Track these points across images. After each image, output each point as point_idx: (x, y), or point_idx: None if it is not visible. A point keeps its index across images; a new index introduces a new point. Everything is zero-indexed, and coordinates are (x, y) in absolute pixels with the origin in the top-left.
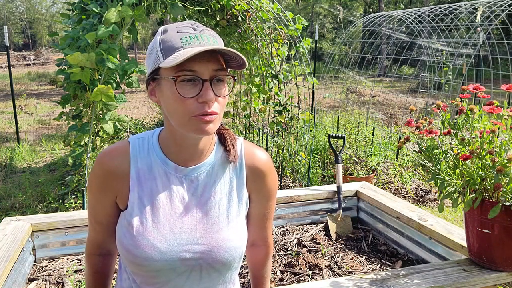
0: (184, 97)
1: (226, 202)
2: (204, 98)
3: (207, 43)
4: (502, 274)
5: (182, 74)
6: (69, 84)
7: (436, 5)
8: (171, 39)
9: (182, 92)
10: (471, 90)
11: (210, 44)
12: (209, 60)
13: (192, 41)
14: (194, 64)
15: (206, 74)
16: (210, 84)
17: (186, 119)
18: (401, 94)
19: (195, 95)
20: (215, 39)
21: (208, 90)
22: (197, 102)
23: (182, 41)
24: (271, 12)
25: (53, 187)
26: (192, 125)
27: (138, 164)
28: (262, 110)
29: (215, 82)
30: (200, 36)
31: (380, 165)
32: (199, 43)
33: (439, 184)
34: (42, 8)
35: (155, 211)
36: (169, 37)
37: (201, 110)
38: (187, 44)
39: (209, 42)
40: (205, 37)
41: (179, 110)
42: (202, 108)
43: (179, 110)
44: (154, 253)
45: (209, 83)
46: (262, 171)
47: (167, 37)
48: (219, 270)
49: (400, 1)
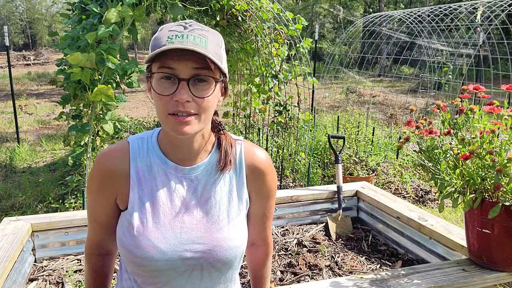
0: (160, 94)
1: (226, 201)
2: (176, 97)
3: (191, 43)
4: (502, 274)
5: (159, 71)
6: (69, 84)
7: (436, 5)
8: (160, 36)
9: (159, 89)
10: (471, 90)
11: (194, 43)
12: (189, 59)
13: (176, 40)
14: (173, 62)
15: (185, 73)
16: (187, 83)
17: (164, 117)
18: (401, 94)
19: (170, 93)
20: (204, 39)
21: (181, 90)
22: (172, 100)
23: (167, 39)
24: (271, 12)
25: (53, 187)
26: (169, 124)
27: (137, 164)
28: (262, 110)
29: (196, 82)
30: (186, 35)
31: (380, 165)
32: (181, 42)
33: (439, 184)
34: (42, 8)
35: (155, 211)
36: (160, 34)
37: (174, 108)
38: (170, 42)
39: (194, 42)
40: (191, 36)
41: (158, 107)
42: (176, 107)
43: (158, 107)
44: (155, 253)
45: (185, 83)
46: (262, 171)
47: (158, 35)
48: (220, 269)
49: (400, 1)
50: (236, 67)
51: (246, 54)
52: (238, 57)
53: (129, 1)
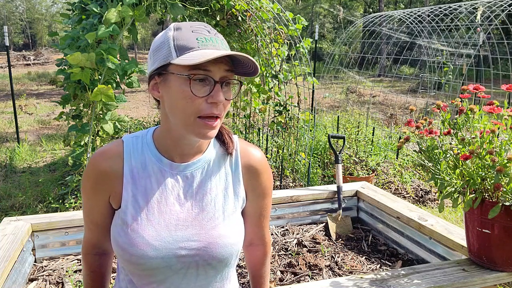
0: (195, 95)
1: (222, 198)
2: (214, 98)
3: (222, 47)
4: (502, 274)
5: (197, 73)
6: (69, 84)
7: (436, 5)
8: (186, 37)
9: (195, 91)
10: (471, 90)
11: (224, 48)
12: (221, 62)
13: (208, 43)
14: (208, 65)
15: (217, 76)
16: (220, 86)
17: (192, 119)
18: (401, 94)
19: (205, 94)
20: (225, 43)
21: (219, 92)
22: (205, 102)
23: (198, 42)
24: (271, 12)
25: (53, 187)
26: (196, 126)
27: (132, 162)
28: (262, 110)
29: (224, 85)
30: (215, 39)
31: (380, 165)
32: (214, 46)
33: (439, 184)
34: (42, 8)
35: (149, 209)
36: (184, 35)
37: (209, 111)
38: (203, 46)
39: (223, 46)
40: (219, 40)
41: (186, 109)
42: (210, 109)
43: (187, 108)
44: (149, 250)
45: (219, 85)
46: (257, 169)
47: (182, 35)
48: (215, 267)
49: (400, 1)
50: None
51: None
52: None
53: (129, 1)
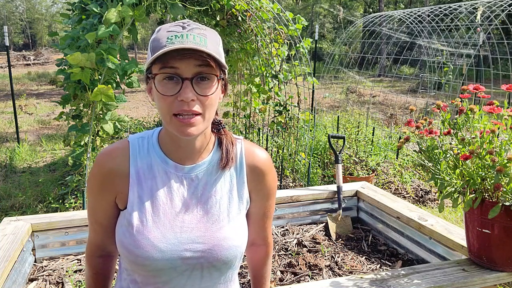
0: (164, 95)
1: (226, 200)
2: (181, 96)
3: (192, 42)
4: (502, 274)
5: (162, 72)
6: (69, 84)
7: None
8: (160, 38)
9: (163, 90)
10: (471, 90)
11: (195, 43)
12: (191, 57)
13: (176, 40)
14: (175, 62)
15: (187, 72)
16: (191, 82)
17: (168, 118)
18: (401, 94)
19: (174, 93)
20: (204, 38)
21: (186, 89)
22: (177, 100)
23: (167, 40)
24: (271, 12)
25: (53, 187)
26: (174, 125)
27: (138, 163)
28: (262, 110)
29: (198, 80)
30: (186, 35)
31: (380, 165)
32: (181, 42)
33: (439, 184)
34: (42, 8)
35: (155, 210)
36: (159, 36)
37: (180, 108)
38: (170, 43)
39: (194, 41)
40: (191, 36)
41: (162, 109)
42: (181, 107)
43: (162, 108)
44: (155, 252)
45: (189, 82)
46: (262, 170)
47: (157, 36)
48: (220, 269)
49: (400, 1)
50: (236, 67)
51: (246, 54)
52: (238, 57)
53: (129, 1)
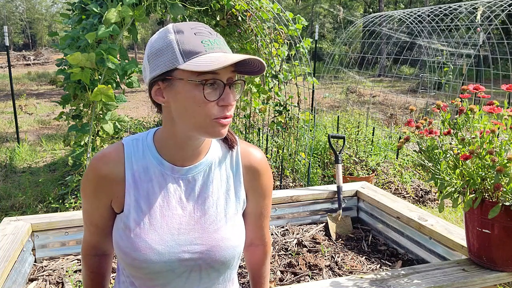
0: (208, 100)
1: (223, 201)
2: (225, 101)
3: (226, 49)
4: (502, 274)
5: (207, 78)
6: (69, 84)
7: (436, 5)
8: (191, 41)
9: (207, 95)
10: (471, 90)
11: (226, 48)
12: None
13: (214, 46)
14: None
15: (225, 78)
16: (229, 87)
17: (207, 122)
18: (401, 94)
19: (216, 98)
20: (224, 43)
21: (229, 94)
22: (217, 105)
23: (204, 45)
24: (271, 12)
25: (53, 187)
26: (211, 127)
27: (133, 166)
28: (262, 110)
29: (231, 86)
30: (219, 41)
31: (380, 165)
32: (221, 49)
33: (439, 184)
34: (42, 8)
35: (152, 213)
36: (188, 39)
37: (222, 113)
38: (210, 49)
39: (226, 47)
40: (221, 42)
41: (200, 113)
42: (222, 112)
43: (200, 113)
44: (153, 254)
45: (228, 87)
46: (258, 170)
47: (186, 39)
48: (218, 269)
49: (400, 1)
50: None
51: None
52: None
53: (129, 1)
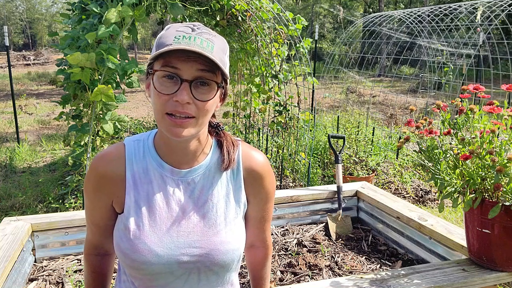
0: (160, 92)
1: (223, 204)
2: (177, 97)
3: (198, 45)
4: (502, 274)
5: (163, 70)
6: (69, 84)
7: (436, 5)
8: (167, 35)
9: (160, 88)
10: (471, 90)
11: (201, 47)
12: (195, 61)
13: (183, 40)
14: (177, 62)
15: (188, 75)
16: (189, 85)
17: (160, 116)
18: (401, 94)
19: (171, 92)
20: (211, 43)
21: (183, 91)
22: (172, 100)
23: (174, 39)
24: (271, 12)
25: (53, 187)
26: (165, 123)
27: (133, 167)
28: (262, 110)
29: (198, 84)
30: (194, 38)
31: (380, 165)
32: (188, 43)
33: (439, 184)
34: (42, 8)
35: (151, 215)
36: (167, 33)
37: (173, 108)
38: (177, 42)
39: (201, 45)
40: (198, 39)
41: (156, 106)
42: (175, 107)
43: (156, 105)
44: (152, 256)
45: (187, 84)
46: (260, 174)
47: (165, 34)
48: (217, 272)
49: (400, 1)
50: (236, 67)
51: (246, 54)
52: (238, 57)
53: (129, 1)
